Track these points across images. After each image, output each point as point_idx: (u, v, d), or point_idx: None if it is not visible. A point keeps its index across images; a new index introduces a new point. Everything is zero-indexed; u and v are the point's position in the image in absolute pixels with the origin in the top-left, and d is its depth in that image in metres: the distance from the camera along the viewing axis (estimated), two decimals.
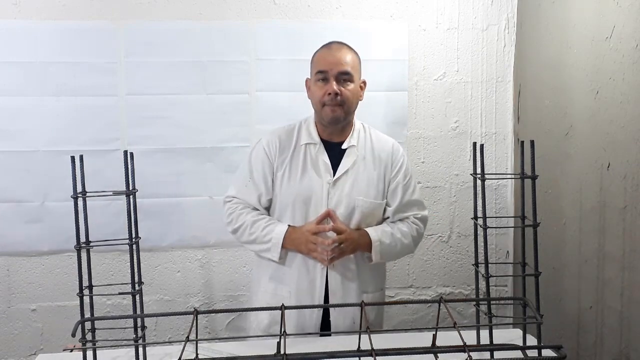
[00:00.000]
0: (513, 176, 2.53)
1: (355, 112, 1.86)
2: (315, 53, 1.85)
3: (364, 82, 1.88)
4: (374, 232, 1.81)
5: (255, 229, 1.82)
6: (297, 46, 2.46)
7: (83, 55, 2.40)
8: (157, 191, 2.46)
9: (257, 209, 1.87)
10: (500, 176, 2.58)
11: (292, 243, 1.79)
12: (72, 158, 1.29)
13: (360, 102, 1.87)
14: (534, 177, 1.38)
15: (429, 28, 2.56)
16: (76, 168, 1.30)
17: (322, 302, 1.80)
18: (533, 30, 2.40)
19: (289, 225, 1.80)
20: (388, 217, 1.87)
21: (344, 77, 1.78)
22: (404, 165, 1.89)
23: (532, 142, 1.40)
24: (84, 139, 2.42)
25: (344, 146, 1.84)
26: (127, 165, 1.34)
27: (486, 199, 1.45)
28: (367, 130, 1.90)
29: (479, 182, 1.41)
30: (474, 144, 1.52)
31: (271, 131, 1.91)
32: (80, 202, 1.32)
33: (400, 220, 1.87)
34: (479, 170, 1.43)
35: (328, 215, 1.77)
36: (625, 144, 1.65)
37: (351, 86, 1.79)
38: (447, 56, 2.58)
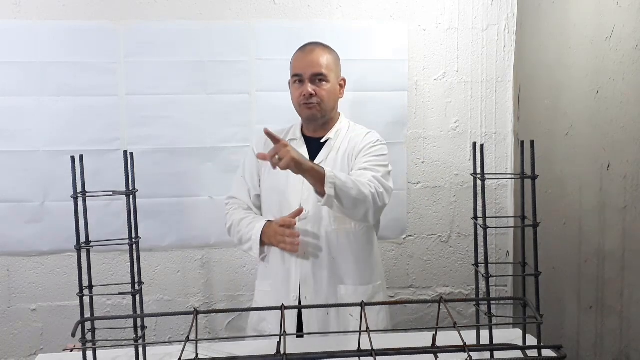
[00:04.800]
0: (513, 176, 2.53)
1: (337, 108, 1.95)
2: (293, 56, 1.94)
3: (344, 80, 1.95)
4: (329, 168, 1.72)
5: (241, 227, 1.92)
6: (297, 46, 2.41)
7: (83, 55, 2.40)
8: (157, 191, 2.46)
9: (250, 208, 1.97)
10: (500, 176, 2.58)
11: (267, 237, 1.87)
12: (72, 158, 1.29)
13: (342, 99, 1.98)
14: (534, 177, 1.38)
15: (429, 28, 2.56)
16: (76, 168, 1.30)
17: (297, 292, 1.86)
18: (533, 30, 2.40)
19: (267, 221, 1.89)
20: None
21: (318, 77, 1.85)
22: (371, 145, 1.88)
23: (532, 142, 1.40)
24: (84, 139, 2.42)
25: (322, 140, 1.93)
26: (127, 165, 1.34)
27: (486, 199, 1.45)
28: (350, 125, 1.98)
29: (479, 182, 1.41)
30: (474, 144, 1.52)
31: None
32: (80, 202, 1.32)
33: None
34: (479, 170, 1.43)
35: (300, 212, 1.83)
36: (625, 144, 1.65)
37: (327, 86, 1.86)
38: (447, 56, 2.58)
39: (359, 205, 1.73)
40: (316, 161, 1.86)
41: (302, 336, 1.83)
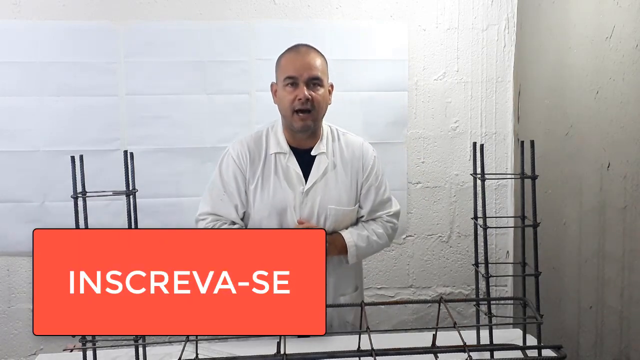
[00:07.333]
0: (513, 176, 2.53)
1: (324, 116, 1.81)
2: (281, 57, 1.81)
3: (332, 86, 1.83)
4: (349, 236, 1.79)
5: None
6: None
7: (83, 55, 2.41)
8: (157, 191, 2.46)
9: (236, 223, 1.82)
10: (500, 176, 2.58)
11: None
12: (72, 158, 1.29)
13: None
14: (534, 177, 1.38)
15: (429, 28, 2.56)
16: (76, 168, 1.30)
17: None
18: (533, 30, 2.40)
19: None
20: (362, 216, 1.86)
21: (314, 82, 1.73)
22: (375, 166, 1.86)
23: (532, 142, 1.39)
24: (84, 139, 2.42)
25: (313, 153, 1.80)
26: (127, 165, 1.34)
27: (486, 199, 1.45)
28: (335, 133, 1.86)
29: (479, 182, 1.41)
30: (474, 144, 1.52)
31: (239, 141, 1.86)
32: (80, 202, 1.32)
33: (374, 219, 1.86)
34: (479, 170, 1.43)
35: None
36: (625, 144, 1.65)
37: (321, 91, 1.75)
38: (447, 56, 2.58)
39: (379, 250, 1.95)
40: (311, 180, 1.78)
41: (302, 336, 1.83)
